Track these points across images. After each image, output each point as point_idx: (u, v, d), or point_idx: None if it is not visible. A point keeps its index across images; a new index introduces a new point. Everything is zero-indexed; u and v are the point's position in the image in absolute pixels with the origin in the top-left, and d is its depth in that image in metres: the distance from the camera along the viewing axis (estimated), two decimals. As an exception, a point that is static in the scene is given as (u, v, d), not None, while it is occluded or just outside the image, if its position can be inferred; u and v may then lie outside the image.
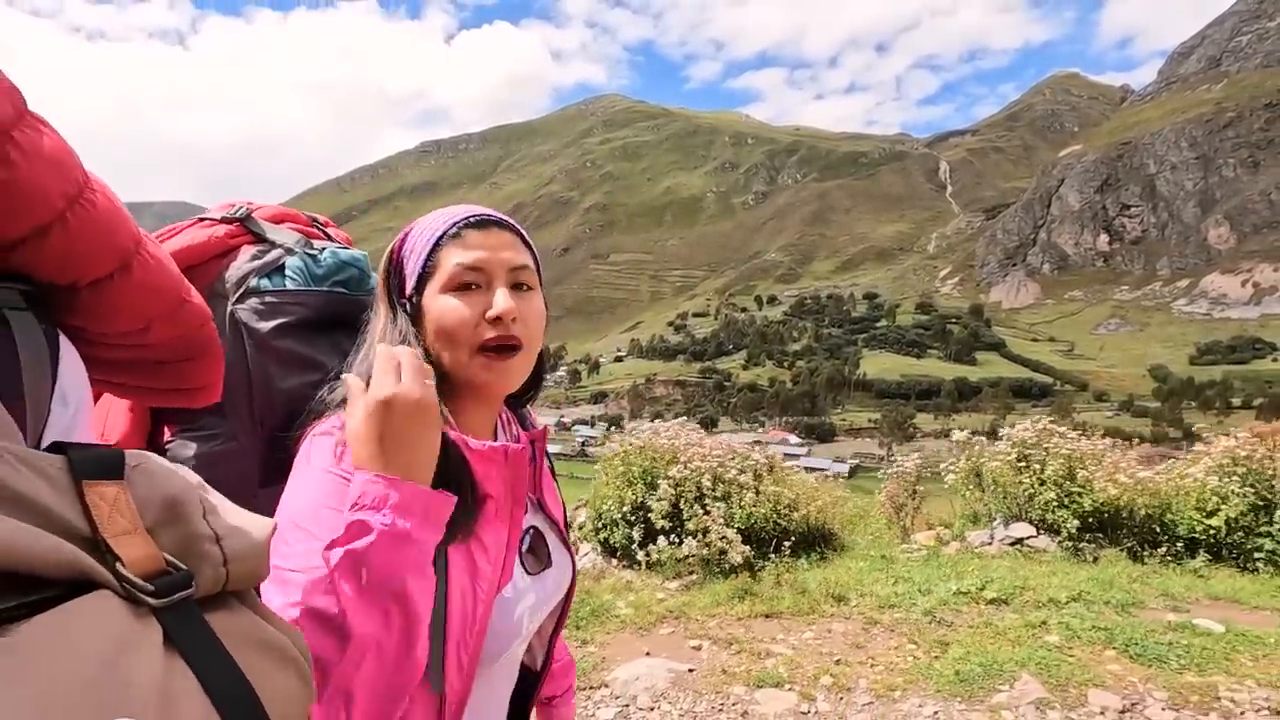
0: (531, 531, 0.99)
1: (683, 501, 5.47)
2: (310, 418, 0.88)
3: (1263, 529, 4.95)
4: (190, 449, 0.96)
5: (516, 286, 0.89)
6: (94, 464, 0.43)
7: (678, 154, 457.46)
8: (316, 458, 0.80)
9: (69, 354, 0.58)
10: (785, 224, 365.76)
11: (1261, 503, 5.02)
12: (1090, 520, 5.27)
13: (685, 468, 5.60)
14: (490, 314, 0.86)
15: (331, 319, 1.03)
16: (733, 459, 5.86)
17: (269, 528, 0.49)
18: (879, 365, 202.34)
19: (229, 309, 0.98)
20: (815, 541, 5.77)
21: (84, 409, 0.58)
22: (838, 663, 3.67)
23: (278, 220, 1.08)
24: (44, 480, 0.41)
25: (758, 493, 5.57)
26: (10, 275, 0.55)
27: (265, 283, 0.99)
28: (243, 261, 1.00)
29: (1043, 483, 5.40)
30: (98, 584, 0.38)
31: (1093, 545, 5.24)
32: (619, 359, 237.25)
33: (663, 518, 5.41)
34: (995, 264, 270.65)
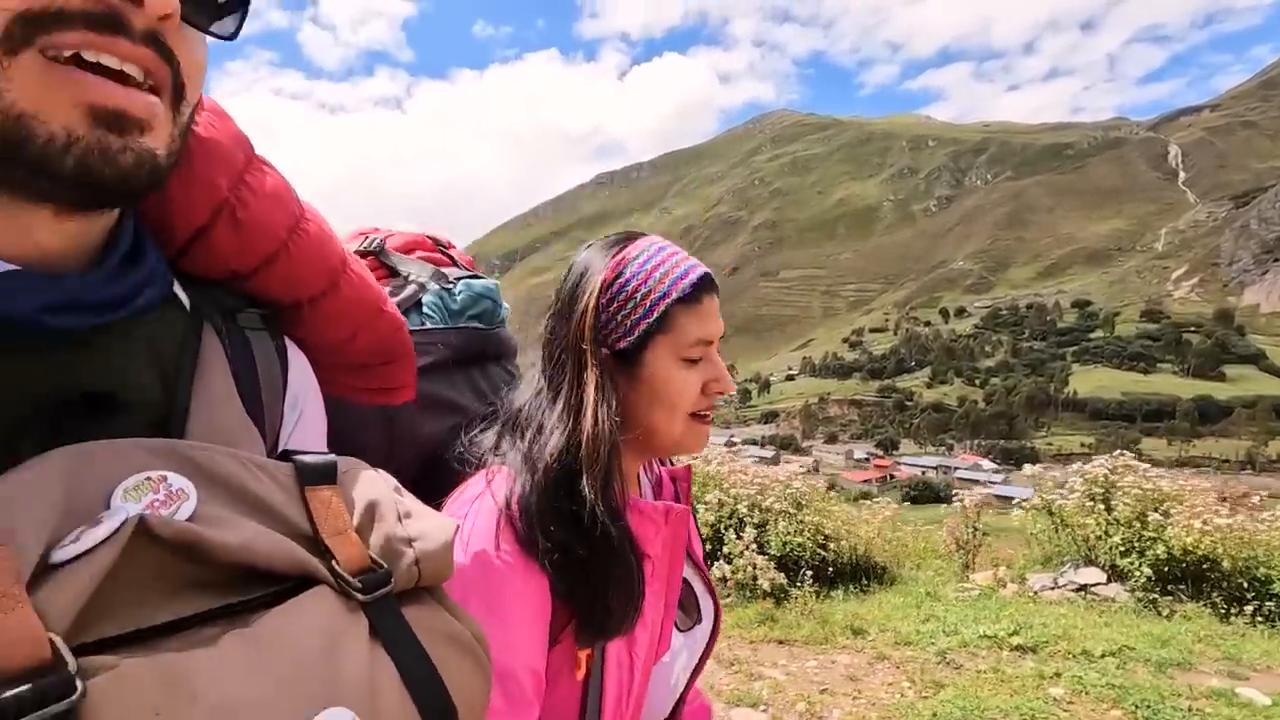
0: (682, 587, 0.95)
1: (722, 526, 5.70)
2: (458, 469, 0.86)
3: None
4: None
5: None
6: (314, 471, 0.50)
7: (850, 164, 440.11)
8: (476, 537, 0.76)
9: (297, 361, 0.66)
10: (974, 229, 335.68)
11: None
12: (1167, 570, 4.68)
13: (725, 494, 5.83)
14: (717, 389, 0.88)
15: (468, 356, 1.01)
16: (773, 486, 5.97)
17: (452, 529, 0.53)
18: (1093, 382, 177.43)
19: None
20: (860, 573, 5.69)
21: (311, 409, 0.66)
22: (823, 692, 3.65)
23: (408, 249, 1.07)
24: (277, 485, 0.48)
25: (800, 521, 5.64)
26: (248, 300, 0.64)
27: (408, 320, 0.94)
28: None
29: (1114, 524, 4.88)
30: (318, 580, 0.45)
31: (1170, 598, 4.64)
32: (790, 377, 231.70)
33: (704, 540, 5.68)
34: (1249, 260, 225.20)
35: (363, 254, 1.02)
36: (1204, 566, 4.65)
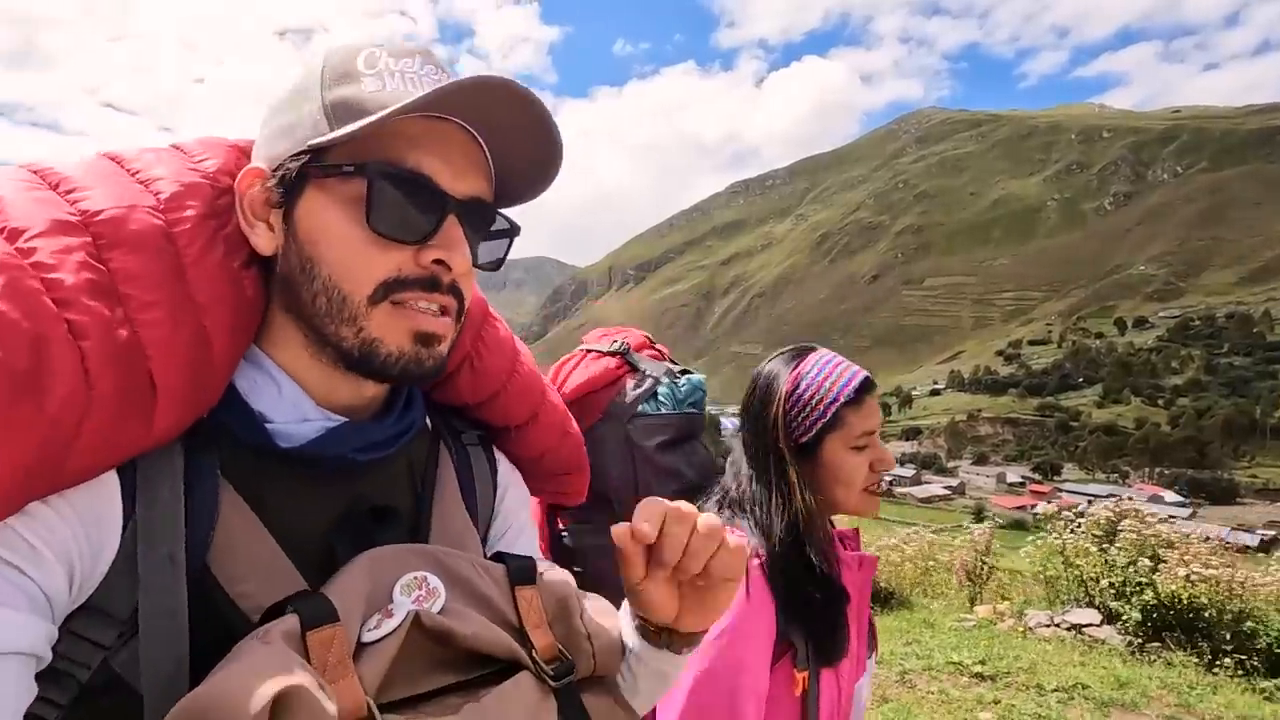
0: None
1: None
2: None
3: None
4: (585, 539, 1.29)
5: None
6: (520, 572, 0.63)
7: (1008, 162, 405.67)
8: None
9: (504, 468, 0.84)
10: (1159, 229, 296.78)
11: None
12: (1157, 615, 4.65)
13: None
14: (882, 467, 1.17)
15: (687, 434, 1.32)
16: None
17: (619, 628, 0.66)
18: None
19: (623, 430, 1.28)
20: (878, 599, 5.99)
21: (514, 506, 0.83)
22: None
23: (639, 349, 1.40)
24: (494, 584, 0.60)
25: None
26: (471, 423, 0.83)
27: (647, 407, 1.29)
28: (630, 390, 1.30)
29: (1107, 567, 4.90)
30: (522, 666, 0.56)
31: (1159, 644, 4.61)
32: (935, 392, 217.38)
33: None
34: None
35: (611, 354, 1.35)
36: (1190, 616, 4.61)
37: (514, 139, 0.64)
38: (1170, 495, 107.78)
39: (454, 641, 0.54)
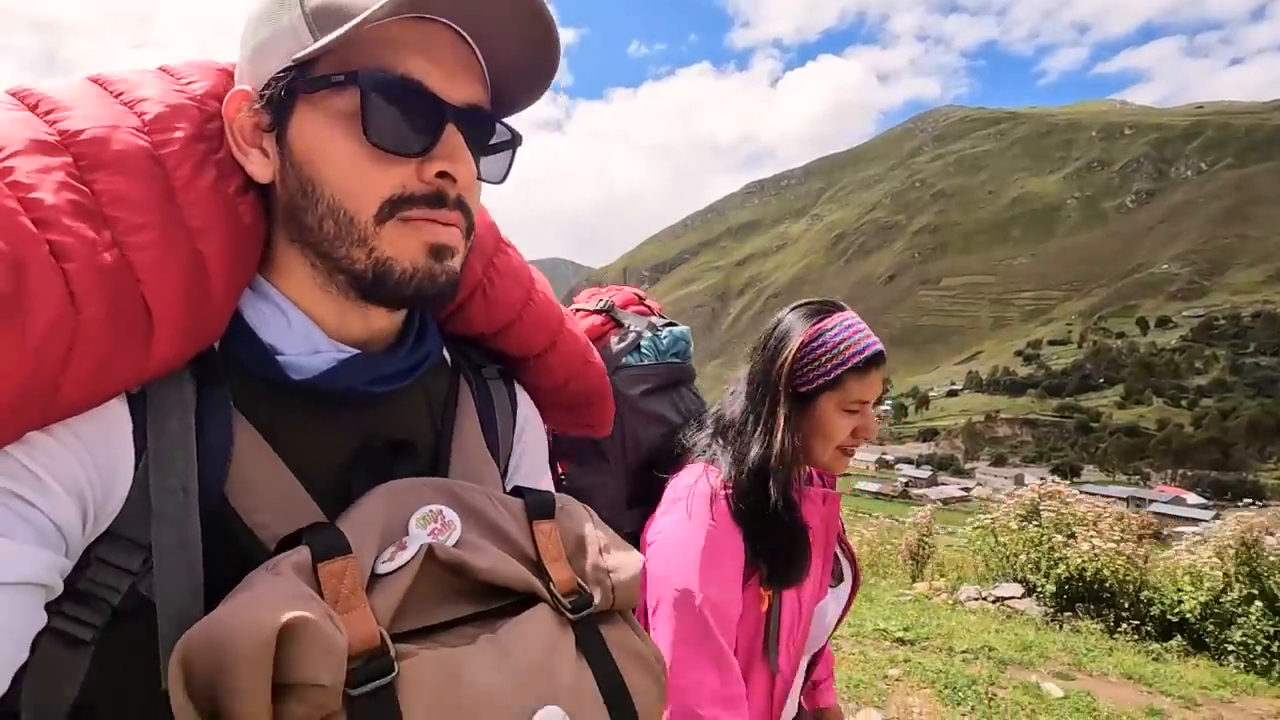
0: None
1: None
2: (673, 460, 1.29)
3: (1241, 619, 4.41)
4: (582, 479, 1.36)
5: None
6: (539, 507, 0.63)
7: (1027, 160, 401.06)
8: (698, 510, 1.16)
9: (524, 403, 0.84)
10: (1182, 226, 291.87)
11: (1254, 592, 4.45)
12: (1068, 587, 5.04)
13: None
14: (862, 434, 1.25)
15: (671, 382, 1.42)
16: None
17: (640, 563, 0.64)
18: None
19: (611, 380, 1.27)
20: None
21: (533, 442, 0.83)
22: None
23: (625, 305, 1.46)
24: (511, 517, 0.61)
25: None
26: (489, 354, 0.82)
27: (630, 359, 1.37)
28: (614, 344, 1.37)
29: (1026, 544, 5.31)
30: (539, 598, 0.57)
31: (1071, 613, 5.00)
32: (952, 393, 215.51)
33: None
34: None
35: (597, 311, 1.42)
36: (1096, 587, 5.00)
37: (506, 37, 0.61)
38: (1192, 497, 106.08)
39: (469, 574, 0.54)
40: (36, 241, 0.46)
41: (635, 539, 1.30)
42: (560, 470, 1.40)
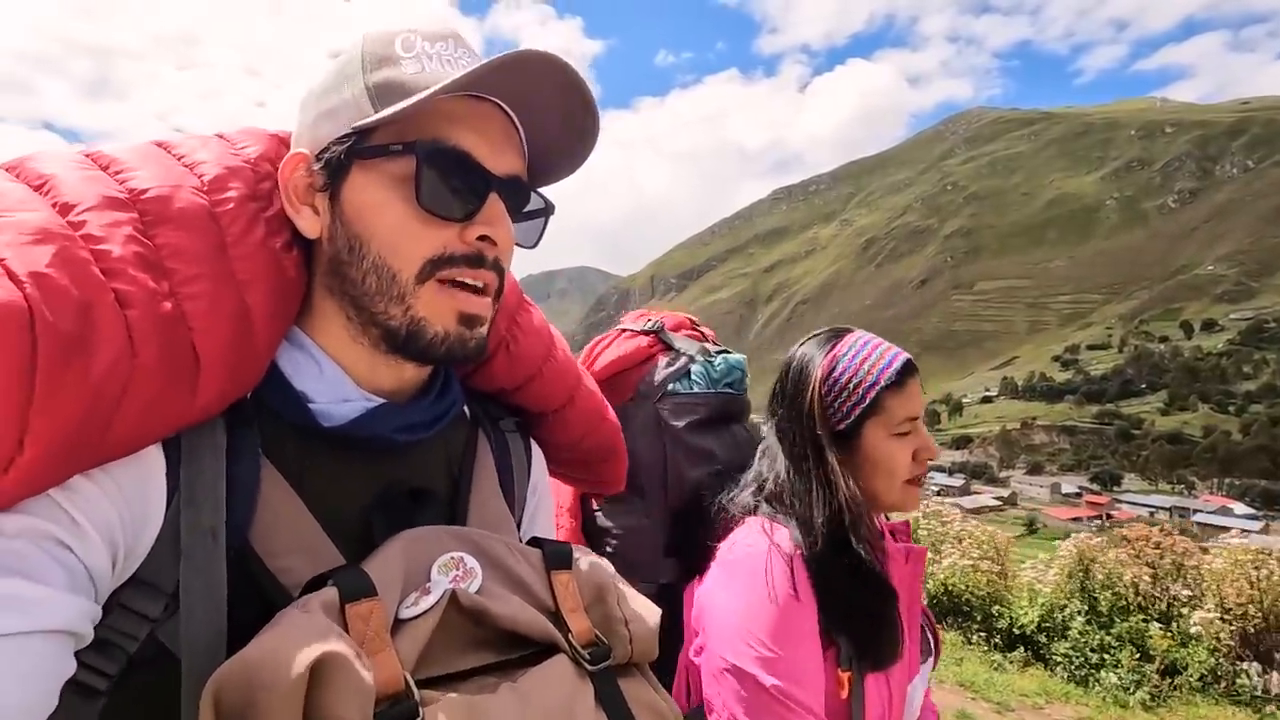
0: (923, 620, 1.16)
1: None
2: (713, 521, 1.13)
3: (1071, 631, 4.83)
4: (616, 519, 1.26)
5: None
6: (557, 557, 0.63)
7: (1063, 160, 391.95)
8: (778, 582, 0.98)
9: (538, 459, 0.86)
10: (1229, 226, 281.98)
11: (1085, 607, 4.94)
12: (934, 601, 5.49)
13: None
14: (925, 456, 1.10)
15: (722, 416, 1.28)
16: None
17: (658, 615, 0.64)
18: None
19: (652, 409, 1.25)
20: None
21: (545, 496, 0.85)
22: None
23: (676, 328, 1.36)
24: (530, 567, 0.62)
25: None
26: (507, 409, 0.85)
27: (678, 386, 1.26)
28: (661, 368, 1.27)
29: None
30: (558, 649, 0.57)
31: (941, 625, 5.40)
32: (987, 399, 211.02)
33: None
34: None
35: (645, 333, 1.32)
36: (958, 601, 5.43)
37: (549, 115, 0.66)
38: (1240, 507, 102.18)
39: (491, 621, 0.55)
40: (104, 289, 0.49)
41: (672, 592, 1.16)
42: (593, 505, 1.30)
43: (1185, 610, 4.71)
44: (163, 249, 0.54)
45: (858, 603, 1.02)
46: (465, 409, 0.78)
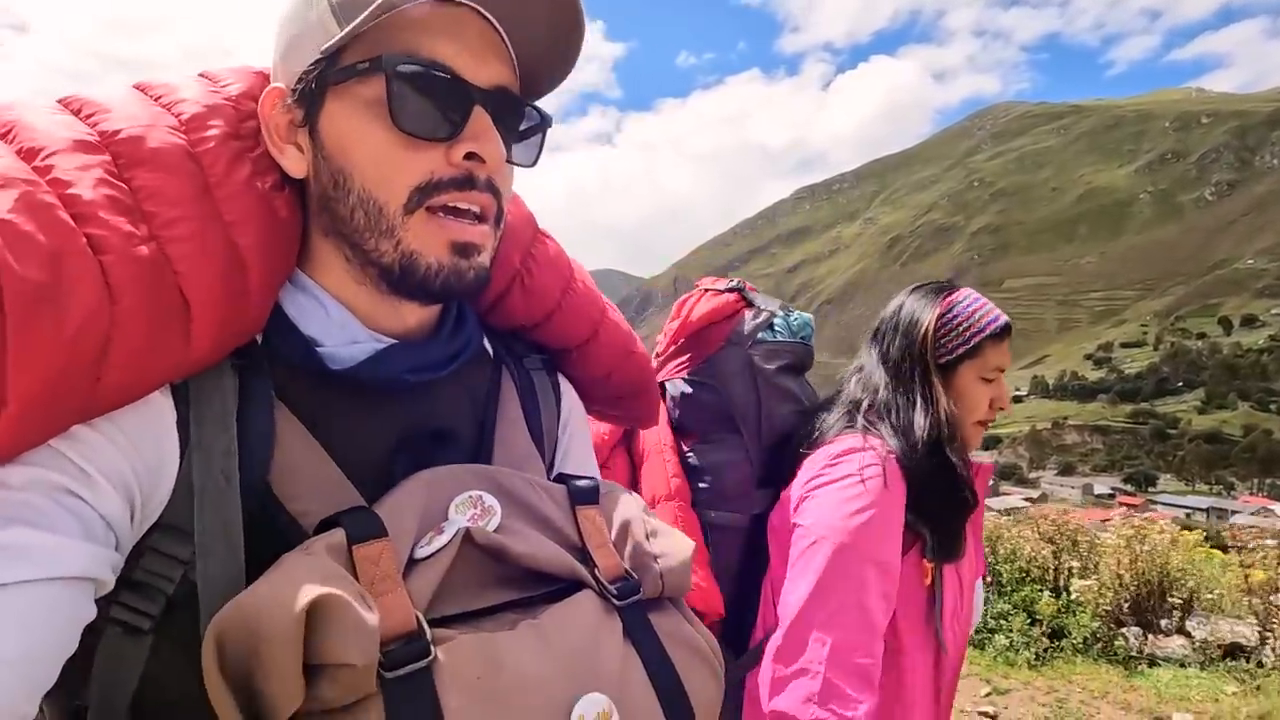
0: None
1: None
2: (807, 440, 1.29)
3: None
4: (709, 456, 1.37)
5: None
6: (583, 493, 0.63)
7: (1094, 154, 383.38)
8: (872, 475, 1.14)
9: (568, 393, 0.84)
10: (1269, 218, 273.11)
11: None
12: None
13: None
14: (999, 404, 1.29)
15: (799, 364, 1.43)
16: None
17: (690, 549, 0.63)
18: None
19: (745, 354, 1.39)
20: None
21: (577, 429, 0.84)
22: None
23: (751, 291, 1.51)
24: (555, 504, 0.61)
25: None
26: (531, 346, 0.83)
27: (765, 335, 1.39)
28: (749, 320, 1.40)
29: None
30: (584, 584, 0.56)
31: None
32: (1017, 399, 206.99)
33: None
34: None
35: (729, 291, 1.45)
36: None
37: (531, 20, 0.62)
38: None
39: (509, 558, 0.54)
40: (74, 235, 0.47)
41: (761, 520, 1.30)
42: (684, 446, 1.41)
43: (1075, 581, 5.04)
44: (139, 191, 0.52)
45: (946, 500, 1.17)
46: (488, 348, 0.77)
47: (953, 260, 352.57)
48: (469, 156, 0.59)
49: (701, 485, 1.37)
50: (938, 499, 1.16)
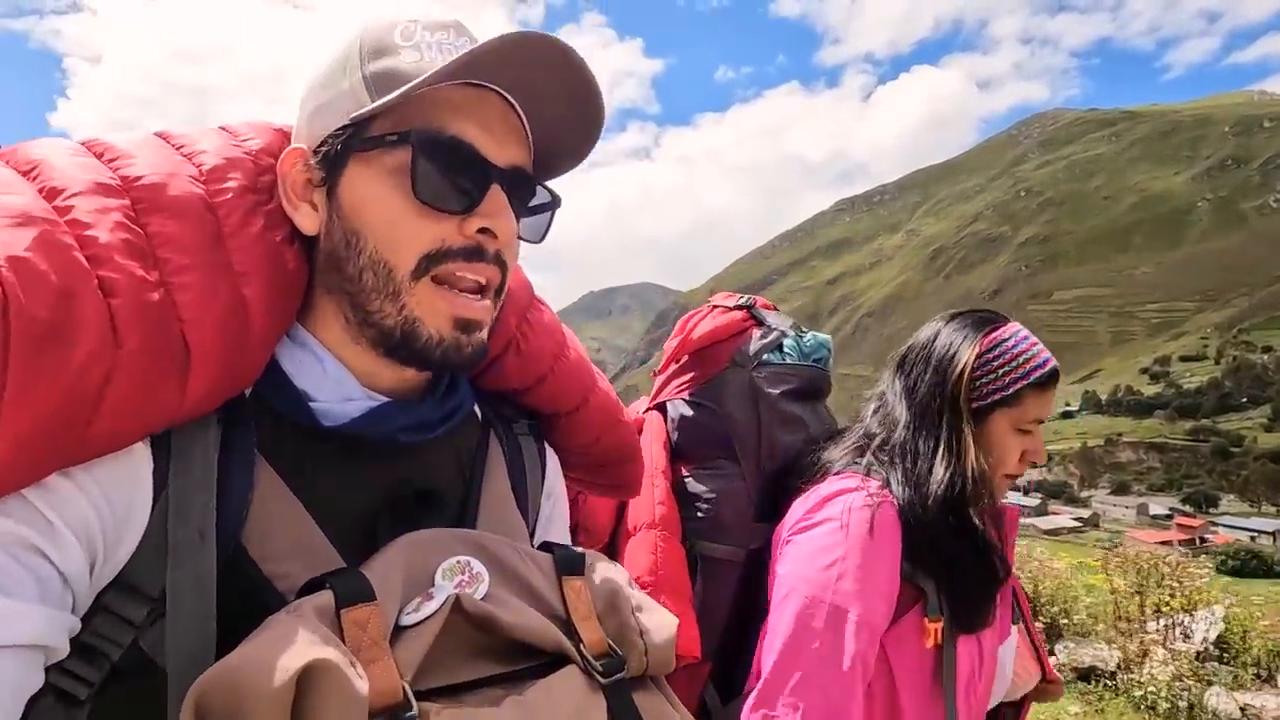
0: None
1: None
2: (808, 474, 1.17)
3: None
4: (705, 483, 1.29)
5: None
6: (569, 563, 0.61)
7: (1148, 162, 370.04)
8: (858, 517, 1.03)
9: (552, 462, 0.84)
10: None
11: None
12: None
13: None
14: (1030, 458, 1.14)
15: (812, 389, 1.33)
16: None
17: (674, 626, 0.61)
18: None
19: (747, 376, 1.30)
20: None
21: (560, 500, 0.84)
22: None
23: (764, 309, 1.42)
24: (541, 573, 0.59)
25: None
26: (520, 411, 0.82)
27: (772, 357, 1.30)
28: (755, 339, 1.32)
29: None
30: (569, 659, 0.54)
31: None
32: (1067, 414, 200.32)
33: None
34: None
35: (738, 308, 1.38)
36: None
37: (553, 106, 0.64)
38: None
39: (497, 629, 0.52)
40: (87, 276, 0.48)
41: (760, 555, 1.20)
42: (683, 471, 1.33)
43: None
44: (154, 237, 0.53)
45: (963, 568, 1.04)
46: (477, 410, 0.77)
47: (998, 271, 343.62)
48: (482, 230, 0.60)
49: (697, 514, 1.28)
50: (953, 565, 1.04)
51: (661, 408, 1.41)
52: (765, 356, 1.30)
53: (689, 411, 1.35)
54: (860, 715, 0.97)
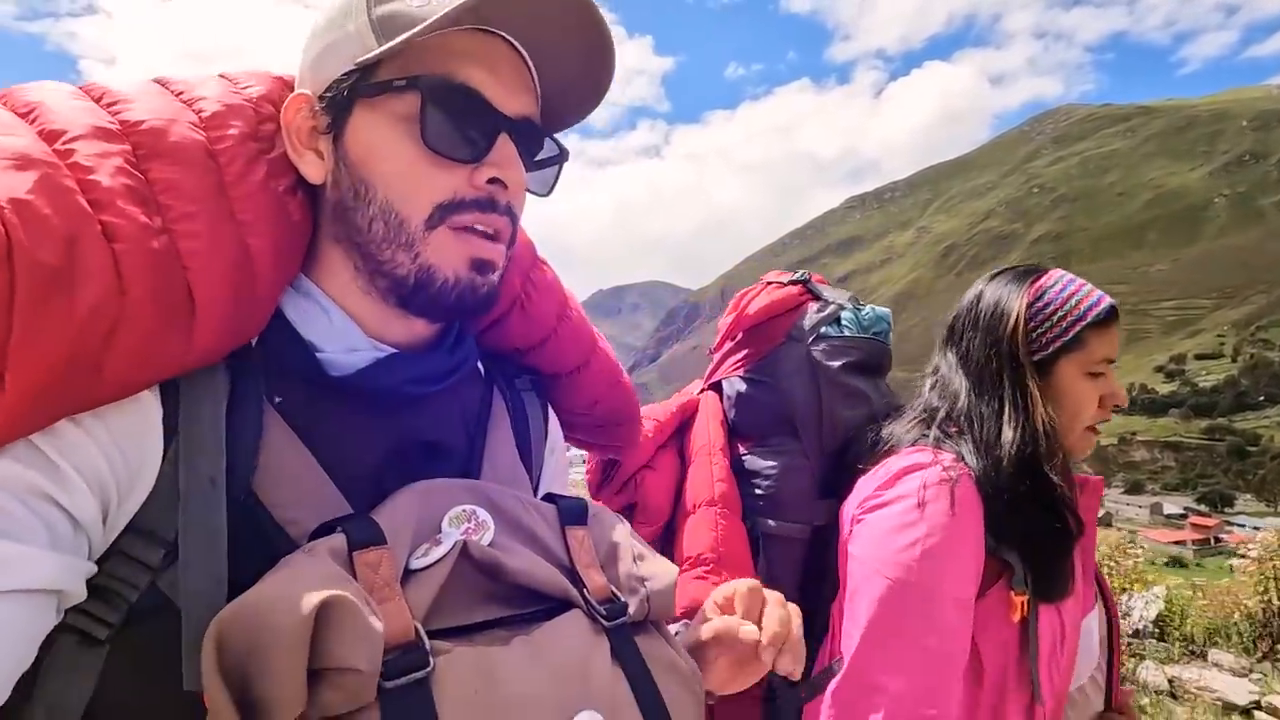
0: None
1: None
2: (870, 452, 1.12)
3: None
4: (765, 462, 1.24)
5: None
6: (571, 513, 0.63)
7: (1164, 158, 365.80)
8: (937, 495, 0.97)
9: (554, 419, 0.85)
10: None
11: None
12: None
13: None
14: (1112, 402, 1.07)
15: (873, 362, 1.28)
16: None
17: (674, 574, 0.63)
18: None
19: (805, 350, 1.27)
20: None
21: (561, 454, 0.84)
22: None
23: (819, 284, 1.39)
24: (545, 523, 0.61)
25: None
26: (523, 370, 0.84)
27: (830, 330, 1.26)
28: (812, 313, 1.29)
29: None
30: (573, 604, 0.56)
31: None
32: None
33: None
34: None
35: (794, 283, 1.35)
36: None
37: (563, 55, 0.64)
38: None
39: (503, 574, 0.54)
40: (90, 220, 0.47)
41: (825, 533, 1.16)
42: (740, 449, 1.30)
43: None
44: (156, 184, 0.52)
45: (1039, 531, 1.00)
46: (480, 367, 0.78)
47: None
48: (492, 181, 0.60)
49: (756, 492, 1.26)
50: (1032, 528, 0.99)
51: (717, 386, 1.40)
52: (823, 330, 1.27)
53: (745, 388, 1.33)
54: (959, 695, 0.94)
